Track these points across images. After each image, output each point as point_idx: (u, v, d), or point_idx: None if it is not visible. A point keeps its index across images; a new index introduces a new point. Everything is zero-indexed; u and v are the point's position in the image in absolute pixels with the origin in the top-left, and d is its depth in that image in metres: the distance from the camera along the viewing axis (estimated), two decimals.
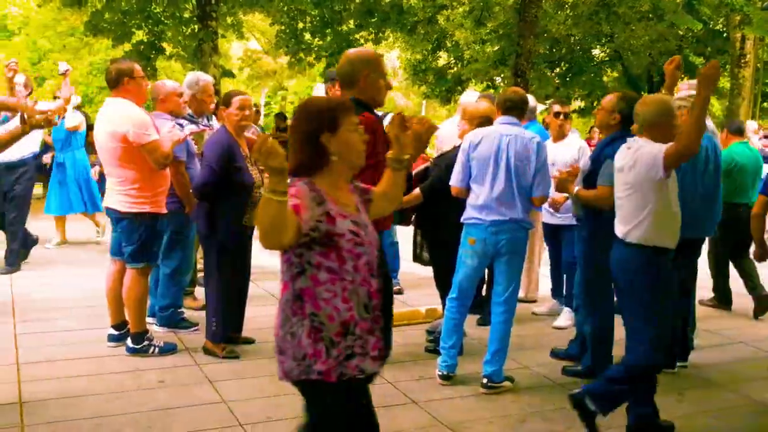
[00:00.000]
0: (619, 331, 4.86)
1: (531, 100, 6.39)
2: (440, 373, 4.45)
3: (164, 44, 15.73)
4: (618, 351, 4.75)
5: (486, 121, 4.64)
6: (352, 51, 3.53)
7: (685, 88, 5.03)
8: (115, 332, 4.96)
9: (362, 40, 17.09)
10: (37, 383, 4.23)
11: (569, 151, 5.59)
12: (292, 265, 2.37)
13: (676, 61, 4.21)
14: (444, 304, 4.67)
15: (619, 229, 3.65)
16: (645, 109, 3.62)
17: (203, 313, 5.13)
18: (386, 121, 6.49)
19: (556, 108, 5.79)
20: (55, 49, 25.44)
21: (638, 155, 3.53)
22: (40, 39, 25.37)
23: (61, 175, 8.48)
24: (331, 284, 2.34)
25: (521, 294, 6.37)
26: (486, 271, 4.88)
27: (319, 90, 8.52)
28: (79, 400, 4.02)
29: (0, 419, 3.75)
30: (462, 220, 4.42)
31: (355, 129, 2.42)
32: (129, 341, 4.81)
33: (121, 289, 4.82)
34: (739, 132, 6.55)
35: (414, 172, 5.04)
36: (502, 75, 17.85)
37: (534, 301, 6.46)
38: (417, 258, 5.36)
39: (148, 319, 5.09)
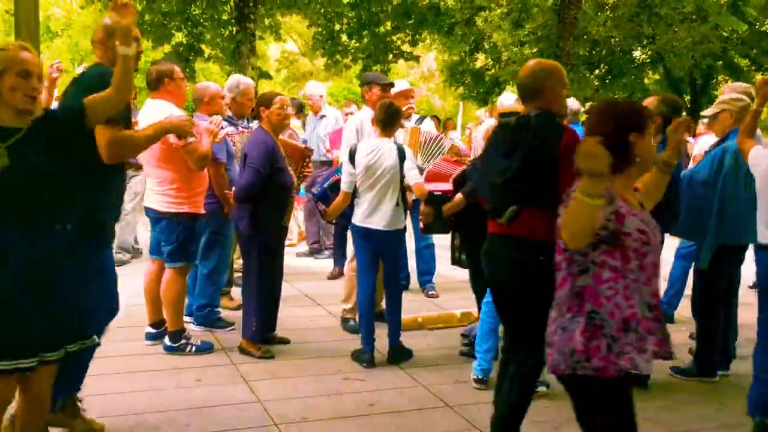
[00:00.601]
0: None
1: (574, 102, 6.33)
2: (475, 377, 4.42)
3: (203, 46, 15.94)
4: None
5: None
6: (533, 62, 3.41)
7: (728, 91, 4.94)
8: (153, 331, 5.02)
9: (399, 42, 17.07)
10: None
11: None
12: (574, 263, 2.40)
13: None
14: (479, 308, 4.64)
15: None
16: None
17: (239, 313, 5.17)
18: (425, 125, 6.48)
19: None
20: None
21: None
22: (82, 40, 25.87)
23: None
24: (613, 282, 2.36)
25: None
26: None
27: (311, 88, 8.47)
28: (118, 397, 4.09)
29: None
30: None
31: (652, 134, 2.50)
32: (166, 340, 4.86)
33: (159, 288, 4.88)
34: None
35: (452, 177, 5.00)
36: None
37: None
38: (456, 261, 5.33)
39: (185, 318, 5.14)
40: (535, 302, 3.18)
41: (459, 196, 4.81)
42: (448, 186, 4.98)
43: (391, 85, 5.90)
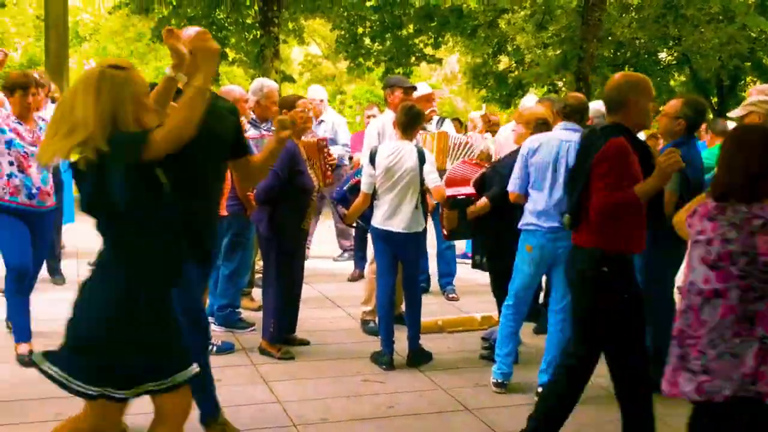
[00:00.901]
0: None
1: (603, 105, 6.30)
2: (495, 381, 4.40)
3: (227, 50, 16.07)
4: None
5: (543, 124, 4.58)
6: (619, 75, 3.44)
7: (755, 93, 4.88)
8: None
9: (421, 45, 17.07)
10: None
11: None
12: (751, 290, 2.47)
13: None
14: (500, 312, 4.63)
15: None
16: None
17: (260, 314, 5.21)
18: (445, 127, 6.47)
19: None
20: (124, 55, 26.21)
21: None
22: (110, 45, 26.24)
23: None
24: None
25: None
26: (543, 278, 4.83)
27: (312, 92, 8.36)
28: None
29: (66, 410, 3.88)
30: (519, 226, 4.37)
31: None
32: None
33: None
34: (723, 133, 6.37)
35: (472, 181, 5.00)
36: (564, 79, 17.59)
37: None
38: (476, 265, 5.33)
39: (209, 319, 5.18)
40: (601, 313, 3.27)
41: (484, 200, 4.80)
42: (469, 189, 4.97)
43: (414, 88, 5.91)
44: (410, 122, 4.80)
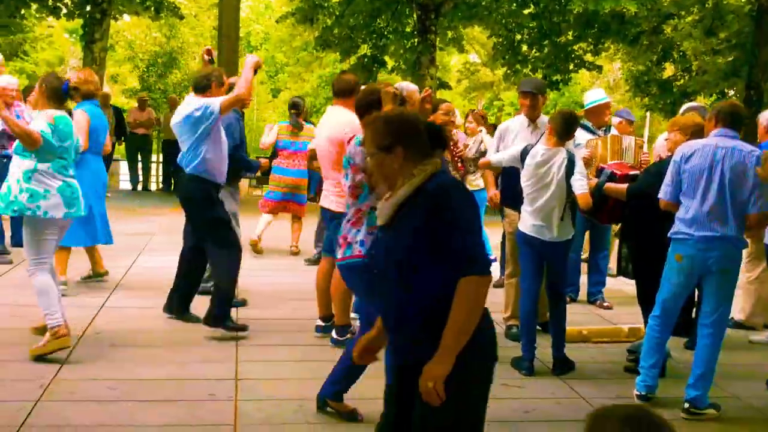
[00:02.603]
0: None
1: None
2: (638, 393, 4.26)
3: (386, 58, 16.51)
4: None
5: (699, 131, 4.39)
6: None
7: None
8: (322, 324, 5.31)
9: (580, 51, 16.67)
10: (251, 364, 4.66)
11: None
12: None
13: None
14: (646, 322, 4.48)
15: None
16: None
17: None
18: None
19: None
20: (290, 63, 27.65)
21: None
22: (278, 53, 27.71)
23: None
24: None
25: (741, 317, 5.92)
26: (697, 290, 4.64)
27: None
28: (285, 382, 4.38)
29: (218, 392, 4.20)
30: (669, 234, 4.21)
31: None
32: (333, 333, 5.13)
33: (329, 284, 5.16)
34: None
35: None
36: (734, 88, 16.52)
37: (754, 328, 5.95)
38: (622, 271, 5.18)
39: (352, 315, 5.38)
40: None
41: (623, 186, 4.86)
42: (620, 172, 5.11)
43: (529, 93, 5.65)
44: (567, 129, 4.73)
